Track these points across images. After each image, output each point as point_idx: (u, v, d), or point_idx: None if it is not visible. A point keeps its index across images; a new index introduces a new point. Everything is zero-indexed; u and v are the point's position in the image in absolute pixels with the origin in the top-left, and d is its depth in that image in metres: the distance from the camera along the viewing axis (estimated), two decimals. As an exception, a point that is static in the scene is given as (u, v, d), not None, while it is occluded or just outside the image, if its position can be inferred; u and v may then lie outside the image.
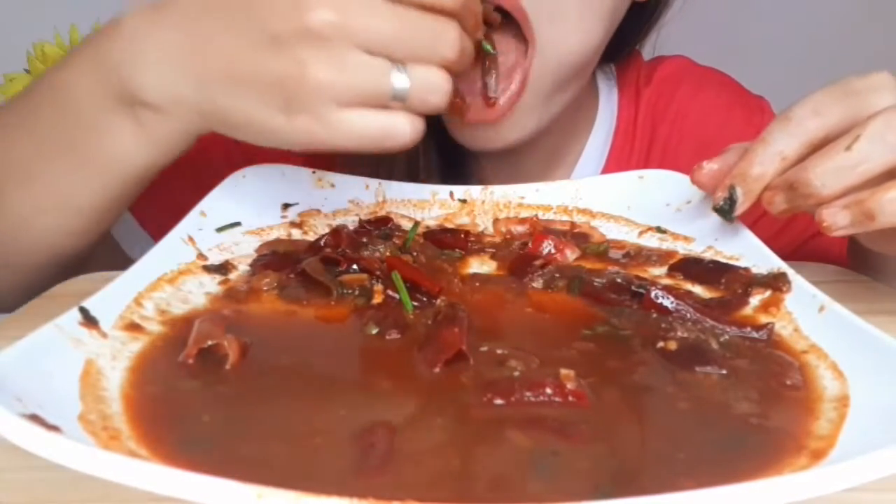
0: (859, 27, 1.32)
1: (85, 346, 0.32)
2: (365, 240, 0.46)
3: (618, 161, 0.69)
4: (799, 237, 0.66)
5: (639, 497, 0.21)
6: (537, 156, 0.67)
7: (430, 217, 0.54)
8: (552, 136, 0.65)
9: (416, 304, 0.40)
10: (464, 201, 0.55)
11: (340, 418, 0.30)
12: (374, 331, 0.37)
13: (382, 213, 0.54)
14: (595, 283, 0.42)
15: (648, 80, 0.72)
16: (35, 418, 0.25)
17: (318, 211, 0.53)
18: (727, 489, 0.22)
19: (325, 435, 0.28)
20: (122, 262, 0.42)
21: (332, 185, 0.55)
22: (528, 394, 0.31)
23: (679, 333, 0.37)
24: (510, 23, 0.53)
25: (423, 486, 0.26)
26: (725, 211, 0.44)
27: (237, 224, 0.48)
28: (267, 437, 0.29)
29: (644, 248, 0.49)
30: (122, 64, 0.44)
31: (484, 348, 0.35)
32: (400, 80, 0.39)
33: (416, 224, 0.51)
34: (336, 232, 0.46)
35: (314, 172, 0.55)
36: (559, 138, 0.67)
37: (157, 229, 0.54)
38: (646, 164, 0.69)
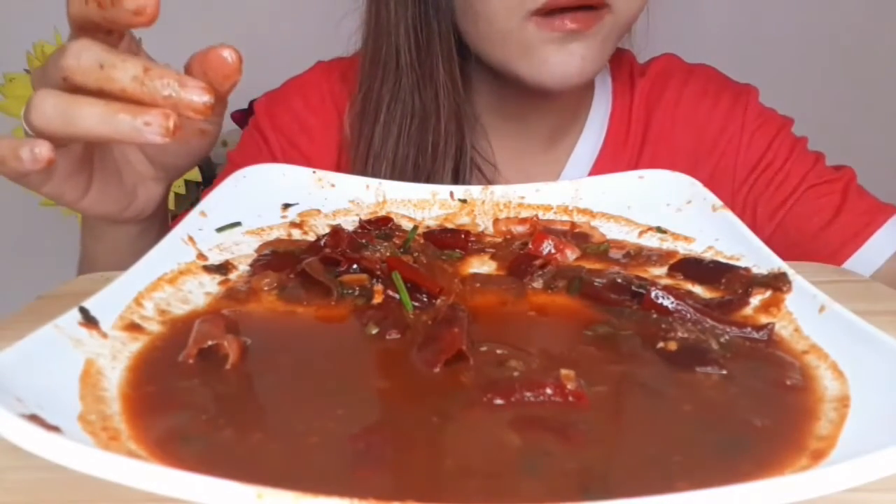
0: (858, 26, 1.32)
1: (85, 346, 0.32)
2: (365, 240, 0.46)
3: (614, 144, 0.75)
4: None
5: (632, 498, 0.21)
6: (543, 130, 0.74)
7: (431, 217, 0.54)
8: (558, 112, 0.73)
9: (416, 304, 0.40)
10: (464, 201, 0.55)
11: (339, 418, 0.30)
12: (374, 331, 0.37)
13: (382, 213, 0.54)
14: (595, 284, 0.42)
15: (642, 73, 0.78)
16: (35, 418, 0.25)
17: (318, 211, 0.53)
18: (727, 490, 0.22)
19: (324, 434, 0.28)
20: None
21: (333, 185, 0.55)
22: (528, 394, 0.31)
23: (679, 334, 0.37)
24: None
25: (422, 486, 0.26)
26: None
27: (237, 224, 0.48)
28: (267, 437, 0.29)
29: (644, 248, 0.49)
30: None
31: (484, 348, 0.35)
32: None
33: (416, 227, 0.51)
34: (336, 232, 0.46)
35: (314, 172, 0.55)
36: (563, 115, 0.74)
37: None
38: (642, 148, 0.75)
